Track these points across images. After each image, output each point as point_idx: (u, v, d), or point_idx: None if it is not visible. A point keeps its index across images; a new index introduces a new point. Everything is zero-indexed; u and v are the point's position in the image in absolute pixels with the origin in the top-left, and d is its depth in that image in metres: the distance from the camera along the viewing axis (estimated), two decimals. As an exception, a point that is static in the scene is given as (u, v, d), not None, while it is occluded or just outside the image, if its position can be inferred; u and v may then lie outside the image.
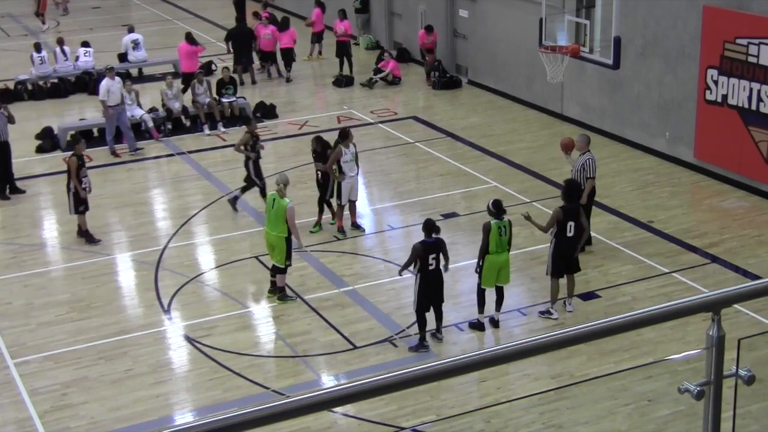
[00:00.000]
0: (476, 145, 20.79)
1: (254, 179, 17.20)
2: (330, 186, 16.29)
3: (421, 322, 12.85)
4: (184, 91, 22.97)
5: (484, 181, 18.62)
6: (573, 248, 13.46)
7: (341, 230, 16.33)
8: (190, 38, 24.47)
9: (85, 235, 16.49)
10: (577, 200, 13.61)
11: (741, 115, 17.30)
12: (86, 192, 16.35)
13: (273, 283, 14.31)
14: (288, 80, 26.09)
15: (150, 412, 11.70)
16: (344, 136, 16.19)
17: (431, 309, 12.89)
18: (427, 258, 12.63)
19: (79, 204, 16.34)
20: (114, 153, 20.59)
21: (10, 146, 18.78)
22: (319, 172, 16.44)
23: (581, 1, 17.81)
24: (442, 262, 12.79)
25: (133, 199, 18.39)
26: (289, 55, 26.23)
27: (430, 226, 12.83)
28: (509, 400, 11.72)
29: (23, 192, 18.80)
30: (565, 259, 13.46)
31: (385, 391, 3.08)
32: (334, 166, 16.05)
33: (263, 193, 16.74)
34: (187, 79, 23.43)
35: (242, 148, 17.08)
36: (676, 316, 3.55)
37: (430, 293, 12.73)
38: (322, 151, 16.28)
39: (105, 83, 20.67)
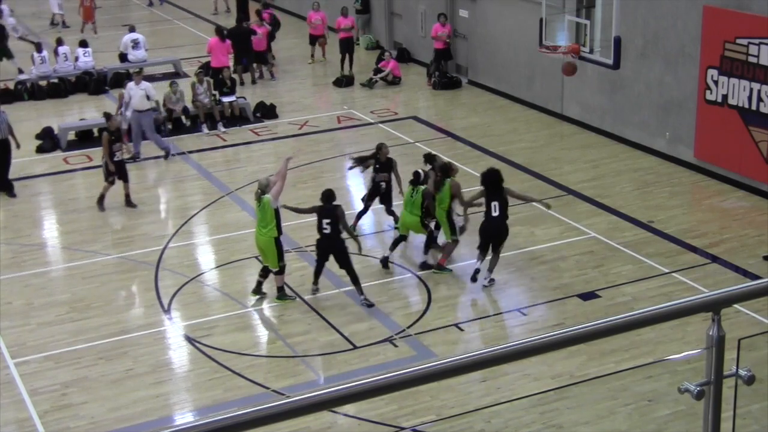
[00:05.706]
0: (476, 145, 20.78)
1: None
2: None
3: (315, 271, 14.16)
4: (215, 86, 22.93)
5: (484, 181, 18.59)
6: (497, 227, 14.08)
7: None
8: (220, 33, 24.55)
9: (100, 202, 17.80)
10: (497, 186, 14.13)
11: (741, 115, 17.30)
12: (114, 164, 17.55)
13: (259, 283, 14.28)
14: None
15: (150, 412, 11.70)
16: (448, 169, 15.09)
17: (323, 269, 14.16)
18: (321, 222, 13.78)
19: (108, 175, 17.64)
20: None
21: (10, 145, 18.72)
22: (382, 183, 16.22)
23: (581, 1, 17.79)
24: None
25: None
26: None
27: (328, 196, 13.95)
28: (509, 400, 11.71)
29: (14, 196, 18.63)
30: (487, 236, 14.21)
31: (385, 391, 3.08)
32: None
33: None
34: (216, 74, 23.49)
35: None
36: (676, 316, 3.55)
37: (322, 254, 13.99)
38: (386, 162, 16.17)
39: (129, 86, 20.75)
